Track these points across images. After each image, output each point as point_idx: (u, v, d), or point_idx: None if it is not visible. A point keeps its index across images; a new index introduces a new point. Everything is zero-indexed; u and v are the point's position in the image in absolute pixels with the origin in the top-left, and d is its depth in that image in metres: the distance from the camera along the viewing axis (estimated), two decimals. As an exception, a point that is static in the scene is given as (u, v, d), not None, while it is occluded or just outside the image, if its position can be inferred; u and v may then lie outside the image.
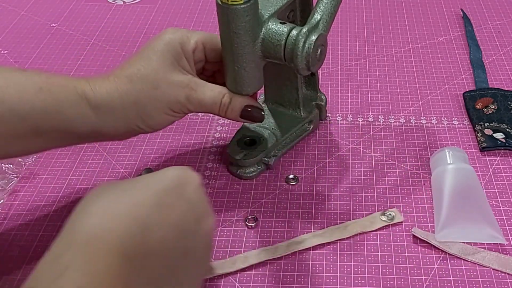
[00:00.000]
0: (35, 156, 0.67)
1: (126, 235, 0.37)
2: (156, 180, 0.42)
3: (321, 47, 0.56)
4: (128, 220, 0.38)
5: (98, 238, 0.37)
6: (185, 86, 0.54)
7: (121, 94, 0.53)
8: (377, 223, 0.59)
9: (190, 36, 0.56)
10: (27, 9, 0.97)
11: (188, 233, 0.41)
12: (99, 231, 0.37)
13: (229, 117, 0.57)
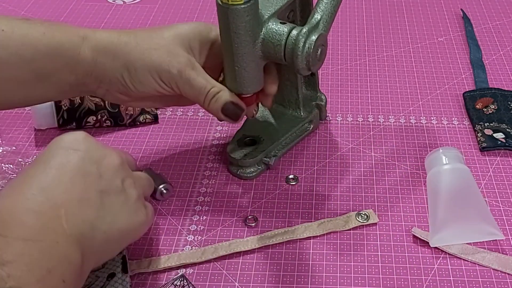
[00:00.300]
0: (35, 156, 0.67)
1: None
2: (42, 158, 0.47)
3: (321, 47, 0.56)
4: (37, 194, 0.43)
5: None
6: (182, 61, 0.55)
7: (119, 41, 0.54)
8: (351, 223, 0.59)
9: (214, 28, 0.57)
10: (27, 9, 0.97)
11: (91, 175, 0.46)
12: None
13: (211, 108, 0.57)
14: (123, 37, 0.55)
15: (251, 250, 0.57)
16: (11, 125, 0.73)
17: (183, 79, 0.55)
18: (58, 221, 0.43)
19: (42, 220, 0.42)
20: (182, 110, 0.75)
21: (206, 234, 0.58)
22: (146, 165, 0.66)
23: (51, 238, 0.42)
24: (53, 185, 0.44)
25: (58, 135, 0.69)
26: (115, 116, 0.71)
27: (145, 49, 0.54)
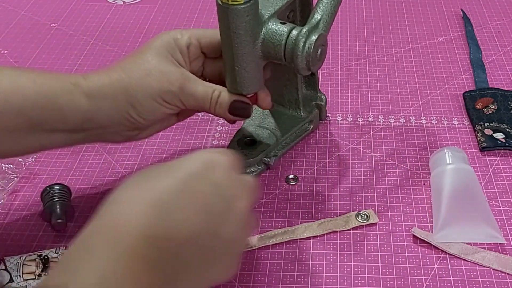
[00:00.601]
0: (35, 156, 0.67)
1: (147, 219, 0.38)
2: (182, 165, 0.44)
3: (321, 47, 0.56)
4: (150, 206, 0.39)
5: (122, 223, 0.38)
6: (178, 77, 0.55)
7: (112, 80, 0.53)
8: (351, 223, 0.59)
9: (183, 33, 0.57)
10: (27, 9, 0.97)
11: (215, 216, 0.42)
12: (124, 216, 0.38)
13: (218, 112, 0.57)
14: (113, 76, 0.53)
15: (251, 250, 0.57)
16: (11, 125, 0.73)
17: (185, 93, 0.55)
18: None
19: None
20: (182, 110, 0.75)
21: (206, 234, 0.58)
22: (146, 165, 0.66)
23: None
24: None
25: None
26: (115, 116, 0.71)
27: (139, 79, 0.53)
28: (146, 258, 0.37)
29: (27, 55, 0.85)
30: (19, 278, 0.54)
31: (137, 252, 0.37)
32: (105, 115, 0.53)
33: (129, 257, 0.36)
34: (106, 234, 0.38)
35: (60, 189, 0.60)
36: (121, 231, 0.37)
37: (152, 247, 0.38)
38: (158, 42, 0.56)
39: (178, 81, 0.54)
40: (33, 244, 0.58)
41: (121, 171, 0.66)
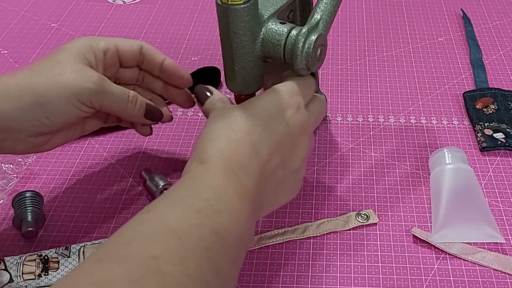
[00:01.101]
0: (35, 156, 0.67)
1: (241, 158, 0.46)
2: (261, 107, 0.49)
3: (321, 47, 0.56)
4: (242, 145, 0.46)
5: (226, 157, 0.45)
6: (95, 75, 0.52)
7: (17, 81, 0.50)
8: (351, 223, 0.59)
9: (101, 39, 0.56)
10: (27, 9, 0.97)
11: (285, 153, 0.49)
12: (226, 152, 0.46)
13: (135, 114, 0.56)
14: (19, 77, 0.50)
15: (251, 250, 0.57)
16: (11, 125, 0.73)
17: (103, 91, 0.52)
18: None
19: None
20: (182, 110, 0.75)
21: (206, 234, 0.58)
22: (146, 165, 0.66)
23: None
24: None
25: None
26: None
27: (50, 78, 0.50)
28: (242, 181, 0.45)
29: (27, 55, 0.85)
30: (19, 278, 0.54)
31: (237, 184, 0.44)
32: (5, 118, 0.49)
33: (235, 182, 0.44)
34: (211, 166, 0.44)
35: (31, 196, 0.59)
36: (224, 166, 0.45)
37: (251, 180, 0.46)
38: (73, 44, 0.54)
39: (95, 78, 0.52)
40: (33, 244, 0.58)
41: (121, 171, 0.66)
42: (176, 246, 0.38)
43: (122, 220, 0.60)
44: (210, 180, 0.43)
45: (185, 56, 0.85)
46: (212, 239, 0.39)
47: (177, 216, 0.40)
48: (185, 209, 0.41)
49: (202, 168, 0.44)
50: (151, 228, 0.39)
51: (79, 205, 0.62)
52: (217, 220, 0.41)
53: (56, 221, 0.60)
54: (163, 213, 0.40)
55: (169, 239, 0.38)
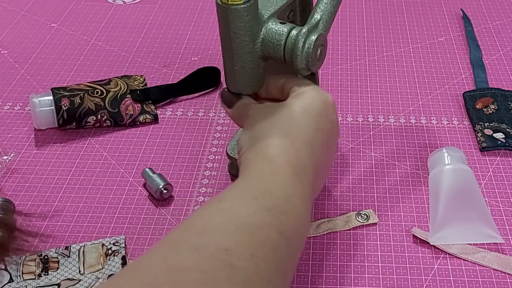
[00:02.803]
0: (34, 153, 0.67)
1: (302, 158, 0.46)
2: (310, 106, 0.50)
3: (321, 47, 0.56)
4: (301, 144, 0.47)
5: (291, 157, 0.46)
6: None
7: None
8: (351, 223, 0.59)
9: None
10: (27, 9, 0.97)
11: (329, 151, 0.51)
12: (290, 151, 0.46)
13: None
14: None
15: (251, 250, 0.56)
16: (11, 125, 0.73)
17: None
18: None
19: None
20: (182, 110, 0.75)
21: (206, 234, 0.58)
22: (146, 165, 0.66)
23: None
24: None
25: (58, 135, 0.70)
26: (115, 116, 0.71)
27: None
28: (304, 182, 0.46)
29: (27, 55, 0.85)
30: (19, 278, 0.54)
31: (293, 181, 0.45)
32: None
33: (300, 183, 0.45)
34: (269, 162, 0.45)
35: (2, 204, 0.59)
36: (282, 163, 0.45)
37: (309, 180, 0.46)
38: None
39: None
40: (33, 244, 0.58)
41: (121, 171, 0.66)
42: (246, 241, 0.38)
43: (122, 220, 0.60)
44: (279, 179, 0.44)
45: (185, 56, 0.85)
46: (279, 240, 0.40)
47: (248, 212, 0.40)
48: (256, 205, 0.41)
49: (271, 165, 0.45)
50: (222, 220, 0.39)
51: (79, 205, 0.62)
52: (284, 221, 0.41)
53: (56, 221, 0.60)
54: (233, 206, 0.41)
55: (240, 233, 0.38)
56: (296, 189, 0.44)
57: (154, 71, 0.82)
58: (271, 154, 0.46)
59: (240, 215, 0.40)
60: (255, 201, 0.41)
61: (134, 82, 0.76)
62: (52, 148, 0.69)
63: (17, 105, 0.76)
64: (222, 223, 0.39)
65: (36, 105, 0.69)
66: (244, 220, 0.40)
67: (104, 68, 0.83)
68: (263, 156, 0.46)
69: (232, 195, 0.42)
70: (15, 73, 0.82)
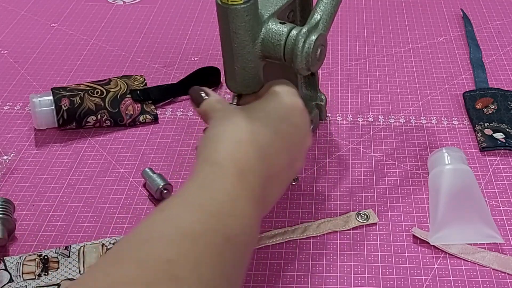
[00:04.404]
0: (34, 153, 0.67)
1: (250, 161, 0.45)
2: (273, 109, 0.49)
3: (321, 47, 0.56)
4: (252, 148, 0.46)
5: (237, 160, 0.44)
6: None
7: None
8: (351, 223, 0.59)
9: None
10: (27, 9, 0.97)
11: (294, 153, 0.49)
12: (237, 154, 0.45)
13: None
14: None
15: (251, 250, 0.56)
16: (11, 125, 0.73)
17: None
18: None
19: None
20: (182, 110, 0.75)
21: (206, 234, 0.58)
22: (146, 165, 0.66)
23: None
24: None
25: (58, 135, 0.70)
26: (115, 116, 0.71)
27: None
28: (251, 185, 0.44)
29: (27, 55, 0.85)
30: (19, 278, 0.54)
31: (239, 187, 0.44)
32: None
33: (246, 186, 0.44)
34: (214, 168, 0.44)
35: (2, 204, 0.58)
36: (227, 168, 0.44)
37: (258, 183, 0.45)
38: None
39: None
40: (33, 244, 0.58)
41: (121, 171, 0.66)
42: (190, 250, 0.38)
43: (122, 220, 0.60)
44: (224, 183, 0.43)
45: (185, 56, 0.85)
46: (224, 245, 0.39)
47: (191, 219, 0.40)
48: (199, 212, 0.40)
49: (215, 170, 0.44)
50: (165, 229, 0.39)
51: (79, 205, 0.62)
52: (230, 225, 0.41)
53: (56, 221, 0.60)
54: (177, 214, 0.40)
55: (183, 242, 0.38)
56: (243, 192, 0.43)
57: (154, 71, 0.82)
58: (216, 158, 0.44)
59: (184, 223, 0.39)
60: (199, 207, 0.41)
61: (134, 82, 0.76)
62: (52, 148, 0.69)
63: (17, 105, 0.76)
64: (166, 232, 0.38)
65: (36, 105, 0.69)
66: (187, 228, 0.39)
67: (104, 68, 0.83)
68: (210, 161, 0.45)
69: (176, 203, 0.42)
70: (15, 73, 0.82)
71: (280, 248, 0.57)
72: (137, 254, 0.37)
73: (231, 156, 0.45)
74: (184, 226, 0.39)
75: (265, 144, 0.47)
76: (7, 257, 0.55)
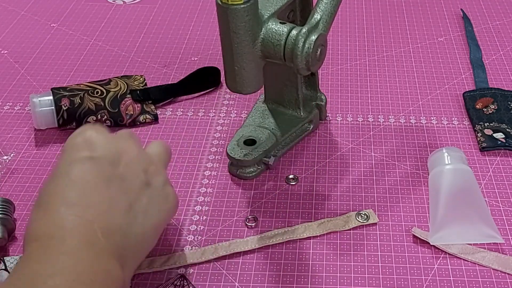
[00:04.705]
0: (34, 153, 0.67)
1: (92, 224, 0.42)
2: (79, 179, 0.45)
3: (321, 47, 0.56)
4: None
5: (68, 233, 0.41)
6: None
7: None
8: (351, 223, 0.59)
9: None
10: (27, 9, 0.97)
11: (113, 183, 0.45)
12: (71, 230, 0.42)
13: None
14: None
15: (251, 250, 0.57)
16: (11, 125, 0.73)
17: None
18: (94, 235, 0.42)
19: (79, 237, 0.41)
20: (182, 110, 0.75)
21: (206, 234, 0.58)
22: (146, 165, 0.66)
23: (91, 253, 0.41)
24: (79, 200, 0.43)
25: (58, 135, 0.70)
26: (115, 116, 0.71)
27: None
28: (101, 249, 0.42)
29: (27, 55, 0.85)
30: (19, 278, 0.53)
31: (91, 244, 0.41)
32: None
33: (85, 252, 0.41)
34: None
35: (2, 204, 0.58)
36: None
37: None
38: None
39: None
40: (33, 244, 0.58)
41: (121, 171, 0.66)
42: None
43: (122, 220, 0.60)
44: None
45: (185, 56, 0.85)
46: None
47: None
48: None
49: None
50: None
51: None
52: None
53: (56, 221, 0.60)
54: None
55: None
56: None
57: (154, 71, 0.82)
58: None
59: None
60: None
61: (134, 82, 0.76)
62: (52, 148, 0.69)
63: (17, 105, 0.76)
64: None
65: (36, 105, 0.69)
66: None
67: (104, 68, 0.82)
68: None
69: None
70: (15, 73, 0.82)
71: (280, 248, 0.57)
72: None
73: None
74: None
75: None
76: (7, 257, 0.55)
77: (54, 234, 0.41)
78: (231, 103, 0.76)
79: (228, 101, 0.76)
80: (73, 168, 0.45)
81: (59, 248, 0.40)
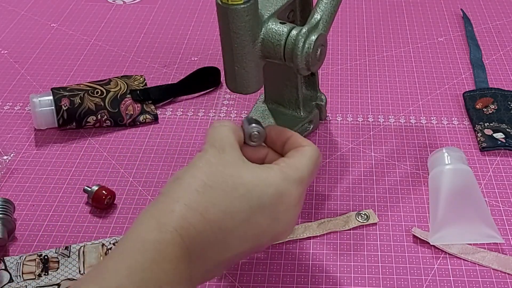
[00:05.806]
0: (34, 153, 0.67)
1: (205, 239, 0.41)
2: (256, 193, 0.43)
3: (321, 47, 0.56)
4: (214, 228, 0.41)
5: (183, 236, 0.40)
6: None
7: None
8: (351, 223, 0.59)
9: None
10: (27, 9, 0.97)
11: (261, 243, 0.44)
12: (185, 230, 0.40)
13: None
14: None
15: (251, 250, 0.56)
16: (11, 125, 0.73)
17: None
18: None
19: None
20: (182, 110, 0.75)
21: (206, 234, 0.58)
22: (146, 165, 0.66)
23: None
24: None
25: (58, 135, 0.70)
26: (115, 116, 0.71)
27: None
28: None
29: (27, 55, 0.85)
30: (19, 278, 0.54)
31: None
32: None
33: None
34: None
35: (2, 204, 0.58)
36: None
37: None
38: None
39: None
40: (33, 244, 0.58)
41: (121, 171, 0.66)
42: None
43: (122, 220, 0.60)
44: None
45: (185, 56, 0.85)
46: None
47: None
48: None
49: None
50: None
51: (79, 205, 0.62)
52: None
53: (56, 221, 0.60)
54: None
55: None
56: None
57: (154, 71, 0.82)
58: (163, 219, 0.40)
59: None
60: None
61: (134, 82, 0.76)
62: (52, 148, 0.69)
63: (17, 105, 0.76)
64: None
65: (36, 105, 0.69)
66: None
67: (104, 68, 0.83)
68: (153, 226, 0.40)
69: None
70: (15, 73, 0.82)
71: (280, 248, 0.57)
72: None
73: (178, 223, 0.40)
74: None
75: (226, 228, 0.42)
76: (7, 257, 0.55)
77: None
78: (231, 103, 0.76)
79: (228, 101, 0.76)
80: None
81: None
